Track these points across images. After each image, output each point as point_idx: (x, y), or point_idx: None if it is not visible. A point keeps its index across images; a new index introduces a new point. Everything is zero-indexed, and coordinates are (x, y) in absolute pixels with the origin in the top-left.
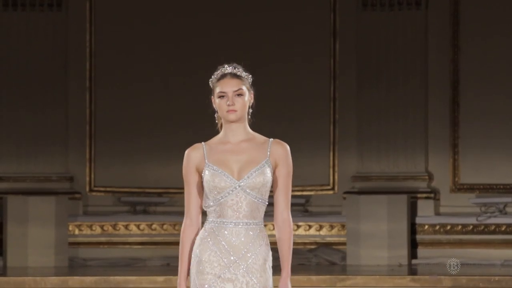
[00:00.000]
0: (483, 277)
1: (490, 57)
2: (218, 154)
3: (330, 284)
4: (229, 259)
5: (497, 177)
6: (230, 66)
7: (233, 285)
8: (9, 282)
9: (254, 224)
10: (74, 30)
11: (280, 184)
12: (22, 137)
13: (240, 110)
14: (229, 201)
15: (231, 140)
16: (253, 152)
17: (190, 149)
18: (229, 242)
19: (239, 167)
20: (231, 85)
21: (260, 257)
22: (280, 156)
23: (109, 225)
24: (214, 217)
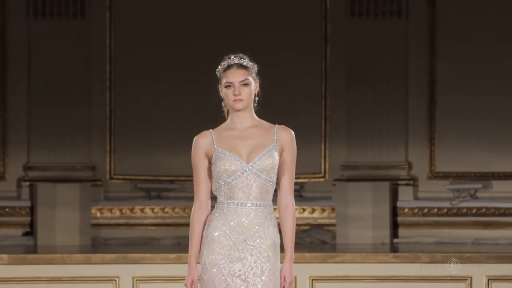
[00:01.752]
0: (456, 254)
1: (463, 60)
2: (227, 140)
3: (321, 260)
4: (238, 238)
5: (468, 166)
6: (236, 57)
7: (242, 263)
8: (39, 258)
9: (263, 205)
10: (96, 36)
11: (286, 169)
12: (50, 131)
13: (246, 99)
14: (239, 183)
15: (238, 127)
16: (261, 137)
17: (198, 136)
18: (239, 222)
19: (248, 152)
20: (237, 75)
21: (268, 237)
22: (287, 141)
23: (127, 208)
24: (224, 198)
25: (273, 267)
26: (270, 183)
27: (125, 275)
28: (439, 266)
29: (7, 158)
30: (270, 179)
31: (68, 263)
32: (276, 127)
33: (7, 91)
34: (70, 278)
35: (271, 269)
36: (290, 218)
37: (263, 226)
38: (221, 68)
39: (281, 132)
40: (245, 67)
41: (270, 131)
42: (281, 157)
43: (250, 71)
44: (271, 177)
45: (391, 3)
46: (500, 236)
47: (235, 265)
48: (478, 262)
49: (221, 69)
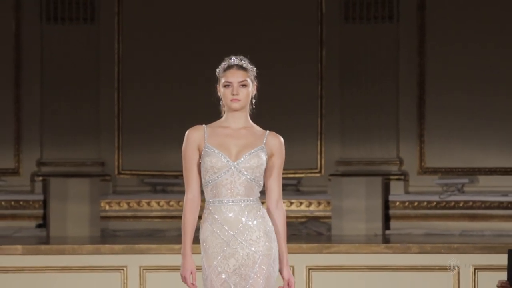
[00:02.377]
0: (444, 245)
1: (451, 62)
2: (219, 137)
3: (317, 251)
4: (227, 234)
5: (456, 162)
6: (237, 58)
7: (235, 258)
8: (51, 249)
9: (248, 201)
10: (105, 40)
11: (274, 174)
12: (62, 129)
13: (243, 99)
14: (223, 181)
15: (232, 126)
16: (251, 138)
17: (191, 129)
18: (225, 219)
19: (236, 150)
20: (236, 76)
21: (256, 229)
22: (276, 147)
23: (134, 202)
24: (210, 196)
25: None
26: (254, 181)
27: (132, 264)
28: (428, 256)
29: (21, 155)
30: (255, 178)
31: (79, 253)
32: (267, 132)
33: (21, 91)
34: (80, 267)
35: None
36: (282, 223)
37: (249, 219)
38: (221, 68)
39: (271, 138)
40: (245, 69)
41: (261, 134)
42: (270, 162)
43: (249, 73)
44: (256, 176)
45: (383, 8)
46: (486, 228)
47: (229, 261)
48: (465, 253)
49: (221, 69)
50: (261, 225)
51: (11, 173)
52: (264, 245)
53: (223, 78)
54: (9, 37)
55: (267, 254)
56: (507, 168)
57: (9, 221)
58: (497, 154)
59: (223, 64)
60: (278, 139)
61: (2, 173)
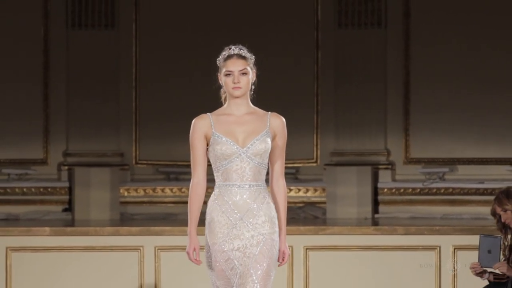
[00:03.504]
0: (427, 227)
1: (433, 63)
2: (224, 124)
3: (314, 232)
4: (235, 217)
5: (438, 153)
6: (236, 47)
7: (240, 239)
8: (76, 231)
9: (256, 186)
10: (124, 44)
11: (277, 153)
12: (85, 123)
13: (244, 87)
14: (234, 166)
15: (235, 113)
16: (255, 123)
17: (197, 118)
18: (234, 202)
19: (243, 137)
20: (237, 65)
21: (262, 213)
22: (278, 128)
23: (150, 189)
24: (221, 181)
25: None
26: (262, 165)
27: (148, 245)
28: (413, 237)
29: (49, 146)
30: (262, 161)
31: (100, 234)
32: (269, 114)
33: (49, 90)
34: (101, 247)
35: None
36: (282, 198)
37: (257, 203)
38: (222, 57)
39: (273, 119)
40: (244, 58)
41: (264, 118)
42: (274, 142)
43: (248, 62)
44: (263, 160)
45: (372, 16)
46: (464, 212)
47: (234, 241)
48: (446, 234)
49: (222, 58)
50: (267, 211)
51: (40, 163)
52: (268, 229)
53: (224, 68)
54: (38, 42)
55: (271, 238)
56: (483, 159)
57: (38, 206)
58: (474, 146)
59: (223, 54)
60: (280, 119)
61: (32, 163)
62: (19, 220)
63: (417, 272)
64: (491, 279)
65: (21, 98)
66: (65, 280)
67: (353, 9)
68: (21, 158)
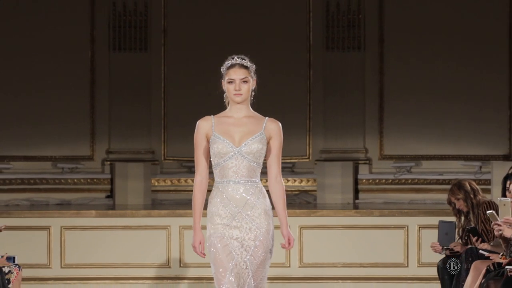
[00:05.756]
0: (397, 210)
1: (402, 79)
2: (224, 125)
3: (307, 214)
4: (234, 210)
5: (406, 150)
6: (238, 57)
7: (239, 231)
8: (116, 213)
9: (251, 181)
10: (154, 63)
11: (274, 154)
12: (124, 126)
13: (245, 93)
14: (229, 164)
15: (235, 116)
16: (252, 125)
17: (201, 120)
18: (232, 197)
19: (239, 137)
20: (239, 73)
21: (259, 206)
22: (274, 131)
23: (175, 180)
24: (219, 177)
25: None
26: (256, 164)
27: (174, 224)
28: (386, 218)
29: (95, 145)
30: (256, 160)
31: (136, 216)
32: (266, 119)
33: (95, 100)
34: (137, 226)
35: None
36: (281, 194)
37: (253, 198)
38: (225, 66)
39: (269, 124)
40: (246, 67)
41: (260, 121)
42: (269, 144)
43: (249, 71)
44: (257, 159)
45: (354, 41)
46: (427, 198)
47: (233, 231)
48: (412, 216)
49: (225, 67)
50: (262, 204)
51: (88, 159)
52: (264, 221)
53: (227, 76)
54: (86, 62)
55: (267, 230)
56: (442, 155)
57: (86, 193)
58: (435, 145)
59: (226, 63)
60: (276, 124)
61: (81, 159)
62: (71, 205)
63: (389, 245)
64: (448, 253)
65: (72, 107)
66: (107, 253)
67: (338, 35)
68: (72, 155)
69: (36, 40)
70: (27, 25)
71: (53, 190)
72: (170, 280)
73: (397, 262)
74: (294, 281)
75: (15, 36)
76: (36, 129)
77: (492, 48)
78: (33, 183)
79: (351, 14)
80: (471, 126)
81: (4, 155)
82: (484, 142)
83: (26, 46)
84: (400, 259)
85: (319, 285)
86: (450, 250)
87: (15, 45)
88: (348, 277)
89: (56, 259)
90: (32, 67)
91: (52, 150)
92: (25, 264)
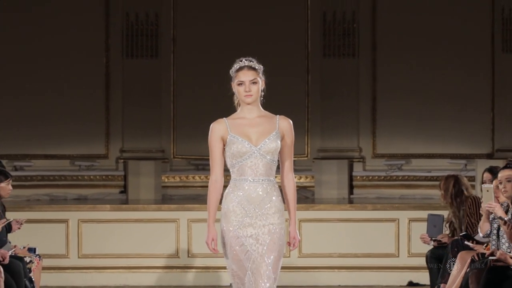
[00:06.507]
0: (389, 205)
1: (393, 83)
2: (239, 127)
3: (305, 208)
4: (249, 207)
5: (397, 149)
6: (246, 60)
7: (253, 228)
8: (129, 207)
9: (268, 180)
10: (164, 68)
11: (286, 151)
12: (136, 127)
13: (254, 94)
14: (248, 163)
15: (247, 116)
16: (266, 125)
17: (215, 123)
18: (248, 195)
19: (256, 137)
20: (248, 75)
21: (273, 205)
22: (287, 129)
23: (184, 176)
24: (237, 175)
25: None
26: (273, 162)
27: (183, 218)
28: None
29: (109, 145)
30: (273, 159)
31: (147, 210)
32: (278, 117)
33: (109, 103)
34: (148, 219)
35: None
36: (292, 190)
37: (269, 196)
38: (234, 69)
39: (282, 122)
40: (254, 69)
41: (273, 120)
42: (283, 141)
43: (258, 72)
44: (274, 157)
45: (349, 48)
46: (416, 193)
47: (247, 229)
48: (403, 210)
49: (234, 69)
50: (277, 203)
51: (103, 157)
52: (278, 219)
53: (236, 78)
54: (101, 67)
55: (281, 227)
56: (430, 154)
57: (101, 189)
58: (424, 145)
59: (235, 66)
60: (287, 121)
61: (96, 157)
62: (87, 199)
63: (382, 237)
64: (436, 244)
65: (88, 109)
66: (120, 244)
67: (334, 43)
68: (88, 153)
69: (56, 46)
70: (50, 31)
71: (71, 186)
72: (179, 269)
73: (388, 253)
74: (294, 270)
75: (38, 42)
76: (55, 129)
77: (476, 53)
78: (52, 180)
79: (346, 24)
80: (457, 126)
81: (26, 153)
82: (469, 142)
83: (47, 51)
84: (391, 249)
85: (317, 274)
86: (438, 241)
87: (37, 50)
88: (343, 266)
89: (73, 250)
90: (52, 71)
91: (70, 149)
92: (45, 255)
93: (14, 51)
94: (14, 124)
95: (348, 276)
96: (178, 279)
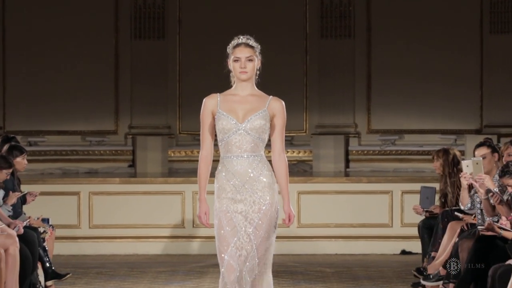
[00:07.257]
0: (383, 177)
1: (387, 62)
2: (229, 103)
3: (304, 181)
4: (237, 183)
5: (390, 125)
6: (244, 37)
7: (243, 204)
8: (137, 180)
9: (254, 156)
10: (171, 49)
11: (277, 131)
12: (144, 104)
13: (250, 71)
14: (233, 140)
15: (240, 93)
16: (255, 103)
17: (207, 98)
18: (236, 171)
19: (243, 114)
20: (244, 52)
21: (262, 179)
22: (277, 109)
23: (189, 151)
24: (224, 152)
25: (270, 203)
26: (259, 140)
27: (188, 190)
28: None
29: (119, 121)
30: (259, 136)
31: (155, 183)
32: (270, 97)
33: (119, 81)
34: (155, 192)
35: (267, 205)
36: (283, 170)
37: (256, 171)
38: (231, 45)
39: (273, 102)
40: (251, 46)
41: (264, 99)
42: (273, 121)
43: (255, 50)
44: (260, 135)
45: (345, 29)
46: (409, 167)
47: (238, 205)
48: (396, 182)
49: (231, 46)
50: (266, 178)
51: (112, 133)
52: (268, 194)
53: (233, 54)
54: (111, 48)
55: (271, 203)
56: (422, 129)
57: (111, 163)
58: (416, 120)
59: (232, 42)
60: (279, 102)
61: (106, 133)
62: (98, 173)
63: (376, 208)
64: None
65: (99, 88)
66: (129, 215)
67: (332, 25)
68: (99, 129)
69: (69, 28)
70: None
71: (82, 160)
72: (184, 238)
73: (383, 223)
74: (292, 240)
75: (51, 24)
76: (67, 107)
77: (465, 35)
78: (64, 154)
79: (342, 6)
80: (447, 103)
81: (40, 129)
82: (458, 118)
83: (60, 32)
84: (385, 220)
85: (314, 243)
86: (430, 212)
87: (50, 31)
88: (340, 236)
89: (85, 221)
90: (64, 51)
91: (81, 125)
92: (58, 225)
93: (28, 32)
94: (29, 102)
95: (344, 245)
96: (183, 248)
